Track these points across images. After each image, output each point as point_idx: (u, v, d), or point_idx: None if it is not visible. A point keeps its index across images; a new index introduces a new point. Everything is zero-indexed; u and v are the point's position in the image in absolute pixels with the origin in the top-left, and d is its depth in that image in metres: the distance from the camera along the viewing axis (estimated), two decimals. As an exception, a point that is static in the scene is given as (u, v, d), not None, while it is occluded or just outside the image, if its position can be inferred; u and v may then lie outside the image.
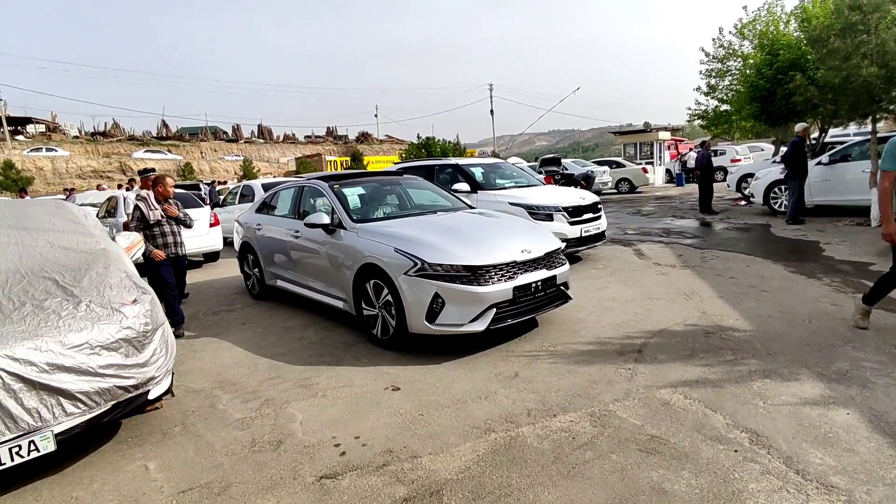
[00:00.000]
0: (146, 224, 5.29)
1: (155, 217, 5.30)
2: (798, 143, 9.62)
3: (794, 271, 6.22)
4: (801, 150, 9.61)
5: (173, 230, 5.47)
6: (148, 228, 5.30)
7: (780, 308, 4.86)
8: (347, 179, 5.72)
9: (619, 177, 21.65)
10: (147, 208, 5.30)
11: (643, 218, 12.58)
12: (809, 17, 13.42)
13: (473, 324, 4.00)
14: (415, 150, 34.62)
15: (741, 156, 23.53)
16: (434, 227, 4.67)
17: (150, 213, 5.30)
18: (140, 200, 5.33)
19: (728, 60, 17.04)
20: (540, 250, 4.42)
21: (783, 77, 13.15)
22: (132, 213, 5.38)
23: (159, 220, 5.33)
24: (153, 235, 5.32)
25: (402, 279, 4.12)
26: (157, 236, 5.34)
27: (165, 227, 5.40)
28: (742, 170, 15.22)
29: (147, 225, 5.29)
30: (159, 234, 5.36)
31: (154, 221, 5.29)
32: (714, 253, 7.64)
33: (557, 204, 7.31)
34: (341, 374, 4.01)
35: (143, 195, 5.37)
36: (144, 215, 5.27)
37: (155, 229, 5.33)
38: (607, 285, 6.17)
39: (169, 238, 5.41)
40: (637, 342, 4.24)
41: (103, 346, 2.79)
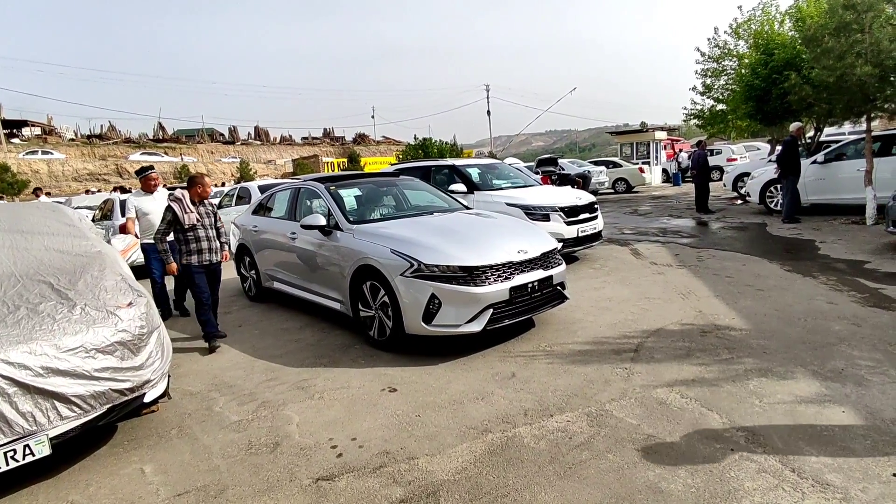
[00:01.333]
0: (180, 228, 4.82)
1: (190, 221, 4.81)
2: (791, 143, 9.66)
3: (790, 270, 6.24)
4: (795, 149, 9.64)
5: (209, 235, 4.97)
6: (181, 233, 4.83)
7: (775, 307, 4.87)
8: (343, 181, 5.72)
9: (616, 177, 21.68)
10: (182, 210, 4.80)
11: (640, 217, 12.61)
12: (804, 16, 13.51)
13: (470, 324, 4.00)
14: (412, 151, 34.65)
15: (737, 155, 23.60)
16: (430, 227, 4.67)
17: (185, 216, 4.79)
18: (174, 202, 4.82)
19: (723, 60, 17.14)
20: (536, 250, 4.42)
21: (778, 76, 13.20)
22: (163, 215, 4.84)
23: (194, 224, 4.85)
24: (187, 241, 4.84)
25: (398, 280, 4.12)
26: (191, 241, 4.84)
27: (200, 231, 4.88)
28: (738, 169, 15.26)
29: (181, 229, 4.82)
30: (193, 239, 4.85)
31: (189, 225, 4.81)
32: (710, 252, 7.66)
33: (554, 204, 7.31)
34: (338, 376, 4.00)
35: (177, 195, 4.87)
36: (179, 218, 4.78)
37: (189, 234, 4.84)
38: (604, 285, 6.17)
39: (204, 244, 4.91)
40: (633, 342, 4.24)
41: (98, 349, 2.78)
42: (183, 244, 4.86)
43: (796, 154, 9.66)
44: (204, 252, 4.92)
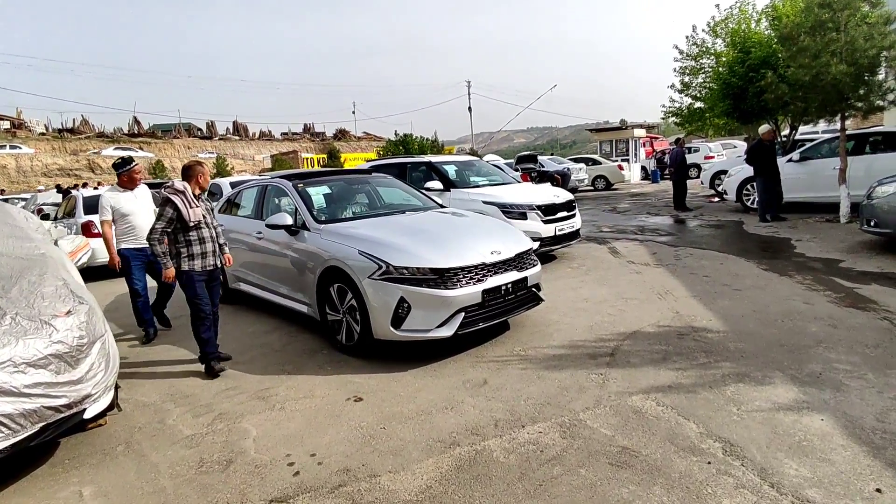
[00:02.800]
0: (182, 227, 4.02)
1: (196, 217, 4.02)
2: (757, 146, 9.75)
3: (766, 269, 6.20)
4: (764, 151, 9.64)
5: (212, 235, 4.19)
6: (182, 232, 4.03)
7: (753, 307, 4.80)
8: (312, 178, 5.49)
9: (596, 174, 21.72)
10: (186, 205, 3.98)
11: (618, 215, 12.58)
12: (780, 15, 13.58)
13: (441, 329, 3.84)
14: (392, 147, 34.34)
15: (714, 153, 23.82)
16: (401, 227, 4.49)
17: (190, 211, 3.99)
18: (175, 194, 3.98)
19: (701, 58, 17.17)
20: (510, 251, 4.27)
21: (755, 75, 13.26)
22: (158, 214, 4.02)
23: (198, 222, 4.06)
24: (188, 242, 4.04)
25: (366, 283, 3.93)
26: (193, 242, 4.05)
27: (204, 230, 4.11)
28: (715, 167, 15.35)
29: (182, 227, 4.02)
30: (197, 239, 4.07)
31: (194, 223, 4.02)
32: (688, 251, 7.62)
33: (531, 202, 7.19)
34: (302, 384, 3.80)
35: (177, 187, 4.04)
36: (182, 215, 3.96)
37: (192, 234, 4.04)
38: (581, 285, 6.06)
39: (208, 245, 4.13)
40: (610, 345, 4.12)
41: (29, 363, 2.55)
42: (183, 246, 4.05)
43: (767, 155, 9.65)
44: (207, 255, 4.14)
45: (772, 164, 9.64)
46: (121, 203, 5.01)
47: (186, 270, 4.06)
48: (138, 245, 4.98)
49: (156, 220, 4.03)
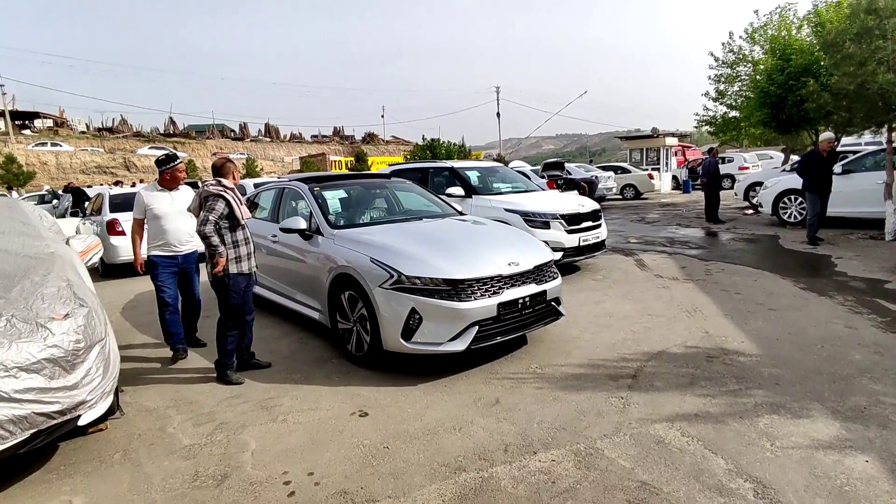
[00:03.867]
0: (231, 225, 3.84)
1: (246, 216, 3.90)
2: (815, 154, 8.67)
3: (804, 288, 5.84)
4: (820, 161, 8.50)
5: (249, 236, 4.04)
6: (231, 231, 3.84)
7: (789, 329, 4.49)
8: (330, 182, 5.39)
9: (624, 182, 21.25)
10: (237, 203, 3.84)
11: (647, 226, 12.20)
12: (823, 21, 13.05)
13: (453, 343, 3.66)
14: (419, 151, 34.37)
15: (749, 163, 23.08)
16: (416, 235, 4.34)
17: (242, 208, 3.87)
18: (225, 190, 3.81)
19: (738, 66, 16.67)
20: (529, 263, 4.07)
21: (795, 83, 12.77)
22: (209, 207, 3.75)
23: (243, 224, 3.93)
24: (235, 242, 3.86)
25: (377, 292, 3.79)
26: (239, 243, 3.88)
27: (247, 230, 3.98)
28: (750, 178, 14.80)
29: (230, 227, 3.84)
30: (242, 240, 3.90)
31: (244, 221, 3.91)
32: (719, 265, 7.27)
33: (555, 211, 6.96)
34: (308, 395, 3.67)
35: (227, 184, 3.86)
36: (234, 212, 3.81)
37: (238, 233, 3.87)
38: (605, 299, 5.81)
39: (251, 246, 4.00)
40: (632, 366, 3.88)
41: (21, 367, 2.47)
42: (230, 247, 3.84)
43: (823, 168, 8.49)
44: (251, 256, 3.99)
45: (826, 178, 8.48)
46: (155, 203, 4.45)
47: (235, 273, 3.86)
48: (170, 252, 4.48)
49: (206, 212, 3.75)
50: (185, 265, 4.59)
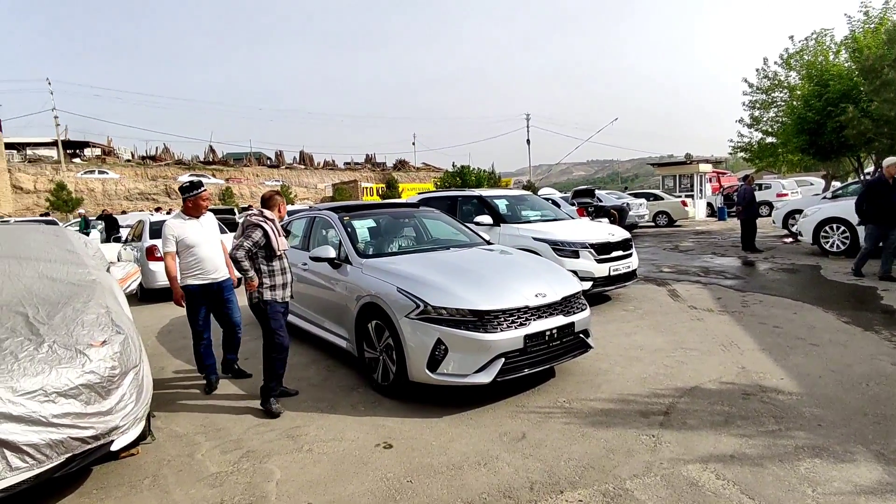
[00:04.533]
0: (268, 255, 3.93)
1: (283, 246, 4.00)
2: (880, 182, 7.70)
3: (848, 322, 5.59)
4: (885, 189, 7.50)
5: (289, 265, 4.15)
6: (266, 261, 3.94)
7: (831, 366, 4.29)
8: (359, 211, 5.49)
9: (657, 210, 20.93)
10: (275, 234, 3.94)
11: (680, 254, 11.94)
12: (861, 47, 12.74)
13: (478, 375, 3.63)
14: (450, 178, 34.75)
15: (788, 190, 22.47)
16: (442, 264, 4.36)
17: (279, 239, 3.96)
18: (265, 221, 3.92)
19: (773, 91, 16.41)
20: (556, 294, 4.03)
21: (833, 109, 12.46)
22: (246, 234, 3.86)
23: (283, 252, 4.04)
24: (271, 272, 3.95)
25: (403, 321, 3.80)
26: (276, 273, 3.97)
27: (285, 260, 4.06)
28: (789, 205, 14.38)
29: (267, 256, 3.93)
30: (279, 270, 3.99)
31: (280, 252, 3.99)
32: (757, 297, 7.03)
33: (584, 240, 6.89)
34: (333, 425, 3.68)
35: (267, 215, 3.98)
36: (271, 242, 3.90)
37: (275, 263, 3.97)
38: (636, 330, 5.68)
39: (288, 275, 4.08)
40: (664, 402, 3.76)
41: (60, 392, 2.56)
42: (266, 276, 3.93)
43: (888, 196, 7.47)
44: (288, 286, 4.07)
45: (893, 208, 7.43)
46: (186, 233, 4.39)
47: (269, 301, 3.92)
48: (204, 280, 4.47)
49: (243, 238, 3.84)
50: (220, 292, 4.59)
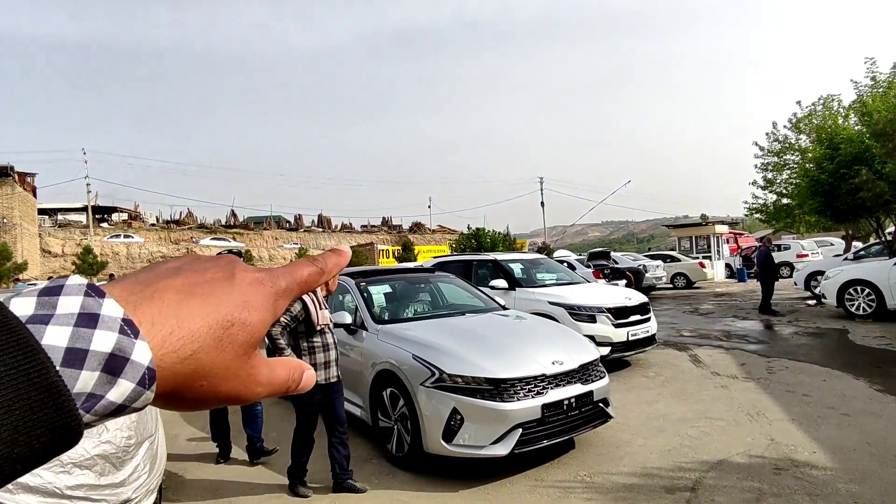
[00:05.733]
0: (308, 330, 3.59)
1: (323, 320, 3.62)
2: None
3: (880, 390, 5.37)
4: None
5: (335, 341, 3.75)
6: (305, 337, 3.59)
7: (866, 438, 4.09)
8: (376, 276, 5.57)
9: (675, 271, 20.75)
10: (315, 306, 3.60)
11: (700, 318, 11.72)
12: (870, 110, 12.95)
13: (495, 446, 3.54)
14: (465, 240, 35.09)
15: (808, 251, 22.20)
16: (458, 331, 4.35)
17: (319, 314, 3.59)
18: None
19: (785, 154, 16.59)
20: (574, 361, 3.98)
21: (847, 171, 12.52)
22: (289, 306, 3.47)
23: (324, 327, 3.66)
24: (311, 349, 3.59)
25: (418, 390, 3.76)
26: (317, 350, 3.60)
27: (328, 336, 3.69)
28: (810, 266, 14.18)
29: (306, 331, 3.59)
30: (321, 346, 3.61)
31: (321, 327, 3.62)
32: (782, 362, 6.82)
33: (601, 304, 6.84)
34: (347, 499, 3.57)
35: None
36: (311, 316, 3.55)
37: (316, 339, 3.60)
38: (657, 398, 5.51)
39: (332, 353, 3.68)
40: (690, 477, 3.60)
41: (76, 463, 2.55)
42: (305, 353, 3.58)
43: None
44: (331, 365, 3.66)
45: None
46: None
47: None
48: None
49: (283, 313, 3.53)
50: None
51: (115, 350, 0.28)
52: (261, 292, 0.36)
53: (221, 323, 0.33)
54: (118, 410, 0.29)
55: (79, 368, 0.27)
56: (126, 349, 0.28)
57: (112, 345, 0.28)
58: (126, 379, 0.28)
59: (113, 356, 0.28)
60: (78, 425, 0.27)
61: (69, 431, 0.27)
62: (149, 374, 0.29)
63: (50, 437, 0.26)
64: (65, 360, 0.27)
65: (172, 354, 0.31)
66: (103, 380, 0.28)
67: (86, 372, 0.27)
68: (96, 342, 0.28)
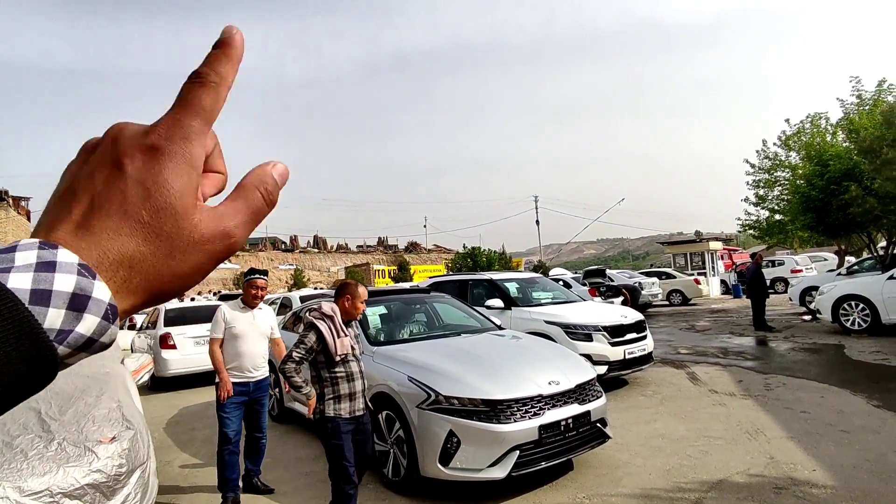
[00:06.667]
0: (328, 361, 3.17)
1: (343, 349, 3.17)
2: None
3: (879, 405, 5.35)
4: None
5: (361, 369, 3.29)
6: (325, 367, 3.18)
7: (866, 455, 4.07)
8: (371, 297, 5.54)
9: (671, 288, 20.80)
10: (332, 333, 3.17)
11: (697, 335, 11.71)
12: (857, 127, 13.17)
13: (492, 469, 3.50)
14: (461, 259, 35.14)
15: (801, 266, 22.32)
16: (454, 352, 4.34)
17: (337, 342, 3.16)
18: (322, 319, 3.19)
19: (775, 171, 16.78)
20: (570, 381, 3.96)
21: (836, 188, 12.67)
22: (301, 336, 3.21)
23: (346, 355, 3.20)
24: (334, 379, 3.17)
25: (414, 412, 3.73)
26: (340, 380, 3.17)
27: (353, 364, 3.24)
28: (805, 282, 14.24)
29: (326, 362, 3.17)
30: (344, 376, 3.18)
31: (341, 356, 3.16)
32: (780, 379, 6.80)
33: (597, 323, 6.83)
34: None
35: (325, 311, 3.24)
36: (328, 346, 3.13)
37: (338, 369, 3.17)
38: (655, 417, 5.47)
39: (357, 383, 3.24)
40: (690, 497, 3.56)
41: (65, 493, 2.50)
42: (328, 385, 3.18)
43: None
44: (357, 397, 3.22)
45: None
46: (237, 322, 4.08)
47: (332, 416, 3.12)
48: (242, 378, 4.06)
49: (294, 345, 3.20)
50: (255, 393, 4.16)
51: (77, 290, 0.30)
52: (159, 162, 0.35)
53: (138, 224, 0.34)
54: (88, 343, 0.30)
55: (45, 306, 0.28)
56: (87, 288, 0.30)
57: (73, 285, 0.30)
58: (91, 314, 0.30)
59: (76, 295, 0.29)
60: (53, 355, 0.29)
61: (45, 361, 0.28)
62: (111, 309, 0.31)
63: (28, 367, 0.28)
64: (32, 300, 0.28)
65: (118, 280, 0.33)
66: (70, 316, 0.29)
67: (52, 309, 0.29)
68: (58, 283, 0.29)
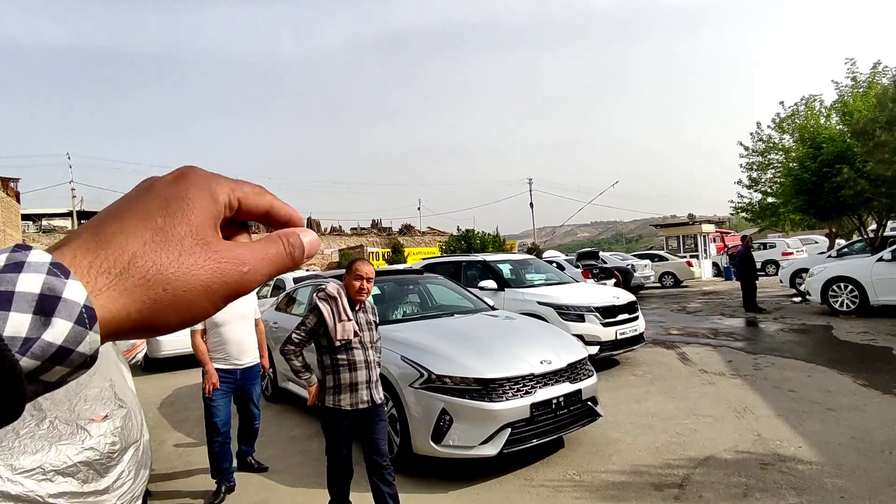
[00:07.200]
0: (328, 345, 2.93)
1: (345, 334, 2.90)
2: None
3: (865, 384, 5.44)
4: None
5: (368, 359, 2.98)
6: (327, 353, 2.94)
7: (852, 433, 4.14)
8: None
9: (663, 270, 20.91)
10: (333, 315, 2.92)
11: (688, 316, 11.82)
12: (850, 110, 13.16)
13: (484, 447, 3.54)
14: (455, 242, 35.13)
15: (793, 249, 22.48)
16: (446, 332, 4.35)
17: (338, 325, 2.90)
18: (325, 301, 2.96)
19: (769, 153, 16.80)
20: (562, 360, 3.99)
21: (829, 170, 12.71)
22: (303, 318, 3.05)
23: (349, 341, 2.92)
24: (335, 366, 2.92)
25: (407, 391, 3.75)
26: (341, 368, 2.91)
27: (358, 352, 2.94)
28: (795, 264, 14.36)
29: (328, 346, 2.94)
30: (346, 364, 2.91)
31: (342, 341, 2.90)
32: (768, 359, 6.90)
33: (589, 303, 6.87)
34: (335, 501, 3.54)
35: (330, 292, 2.97)
36: (328, 327, 2.90)
37: (340, 356, 2.92)
38: (646, 396, 5.54)
39: (361, 373, 2.93)
40: (678, 473, 3.62)
41: (58, 470, 2.51)
42: (329, 372, 2.93)
43: None
44: (360, 387, 2.92)
45: None
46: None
47: (331, 408, 2.91)
48: (227, 366, 3.89)
49: (296, 326, 3.06)
50: (243, 381, 4.01)
51: (45, 290, 0.27)
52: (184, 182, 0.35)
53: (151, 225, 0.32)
54: (62, 354, 0.27)
55: (6, 310, 0.26)
56: (56, 288, 0.27)
57: (40, 285, 0.27)
58: (61, 318, 0.27)
59: (43, 296, 0.26)
60: (12, 367, 0.25)
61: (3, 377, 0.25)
62: (87, 312, 0.28)
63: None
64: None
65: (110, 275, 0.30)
66: (37, 322, 0.26)
67: (15, 314, 0.26)
68: (22, 284, 0.26)
